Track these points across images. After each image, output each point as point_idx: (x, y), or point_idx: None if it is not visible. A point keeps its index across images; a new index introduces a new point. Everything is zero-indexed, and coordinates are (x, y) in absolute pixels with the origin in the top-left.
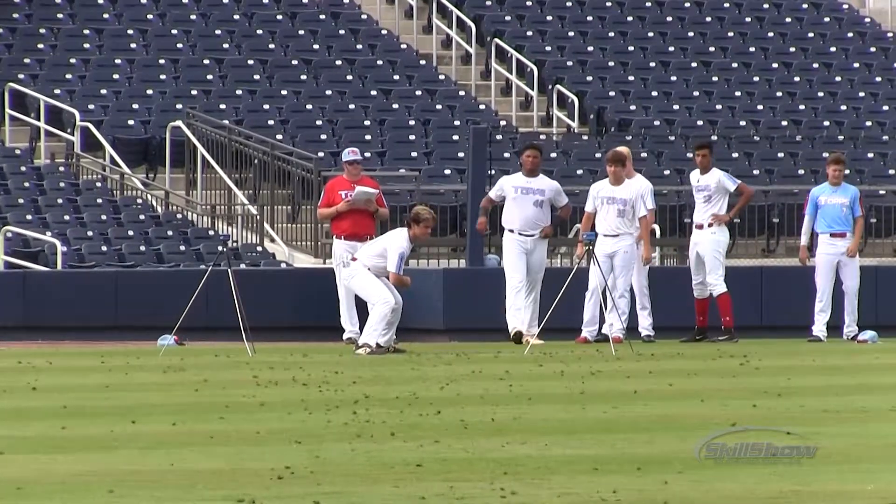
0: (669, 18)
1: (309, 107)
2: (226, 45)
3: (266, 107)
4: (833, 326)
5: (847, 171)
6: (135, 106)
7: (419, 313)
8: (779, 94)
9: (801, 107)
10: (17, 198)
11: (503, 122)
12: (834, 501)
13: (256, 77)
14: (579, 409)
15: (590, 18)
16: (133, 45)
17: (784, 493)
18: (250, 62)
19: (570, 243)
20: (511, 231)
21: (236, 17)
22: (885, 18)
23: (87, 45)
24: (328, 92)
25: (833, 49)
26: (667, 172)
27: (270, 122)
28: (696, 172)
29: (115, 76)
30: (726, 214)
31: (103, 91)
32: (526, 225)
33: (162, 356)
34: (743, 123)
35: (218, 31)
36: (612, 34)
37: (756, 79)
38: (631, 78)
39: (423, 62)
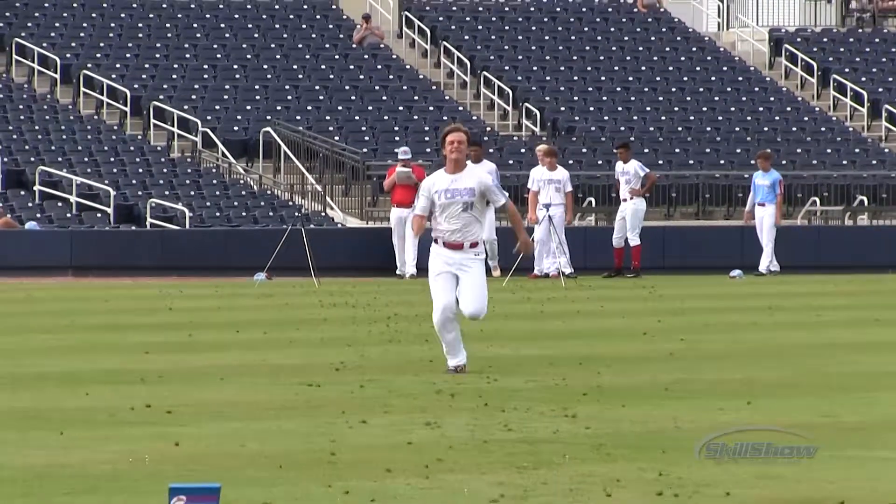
0: (602, 58)
1: (357, 118)
2: (300, 76)
3: (328, 117)
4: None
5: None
6: (238, 117)
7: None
8: (675, 108)
9: (692, 117)
10: (158, 179)
11: (488, 128)
12: (713, 388)
13: (321, 98)
14: (540, 324)
15: (548, 58)
16: (237, 76)
17: (678, 380)
18: (316, 87)
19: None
20: None
21: (307, 56)
22: (748, 57)
23: (206, 76)
24: (370, 108)
25: (713, 78)
26: (600, 162)
27: (331, 128)
28: (620, 163)
29: (225, 96)
30: (640, 189)
31: (216, 107)
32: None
33: (257, 287)
34: (651, 129)
35: (295, 66)
36: (562, 68)
37: (660, 98)
38: (576, 98)
39: (433, 87)
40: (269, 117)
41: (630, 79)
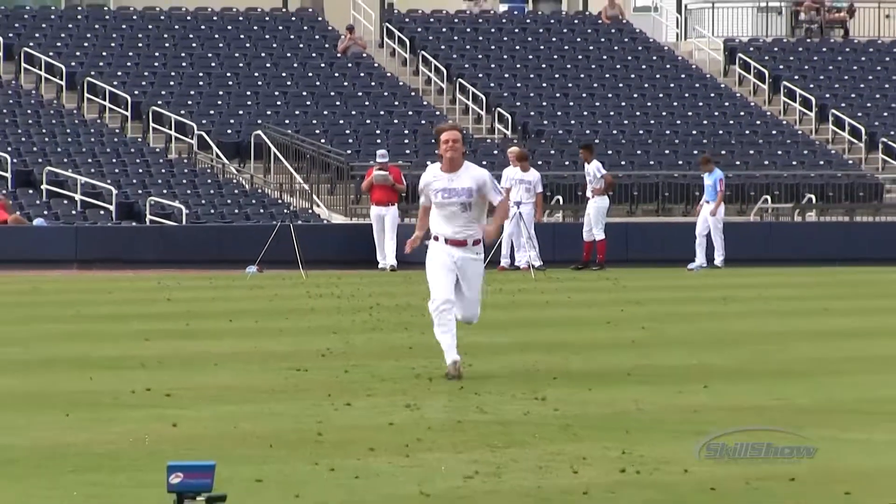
0: (569, 66)
1: (341, 122)
2: (289, 83)
3: (314, 121)
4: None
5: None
6: (231, 121)
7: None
8: (637, 113)
9: (652, 121)
10: (157, 179)
11: (463, 131)
12: (672, 372)
13: (308, 103)
14: (512, 313)
15: (519, 66)
16: (230, 83)
17: (640, 366)
18: (304, 93)
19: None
20: None
21: (295, 64)
22: (704, 65)
23: (201, 83)
24: (353, 112)
25: (672, 85)
26: (567, 163)
27: (317, 131)
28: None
29: (219, 102)
30: (599, 189)
31: (211, 111)
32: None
33: (249, 279)
34: (615, 132)
35: (283, 74)
36: (532, 76)
37: (623, 104)
38: (545, 103)
39: (412, 93)
40: (259, 121)
41: (595, 85)
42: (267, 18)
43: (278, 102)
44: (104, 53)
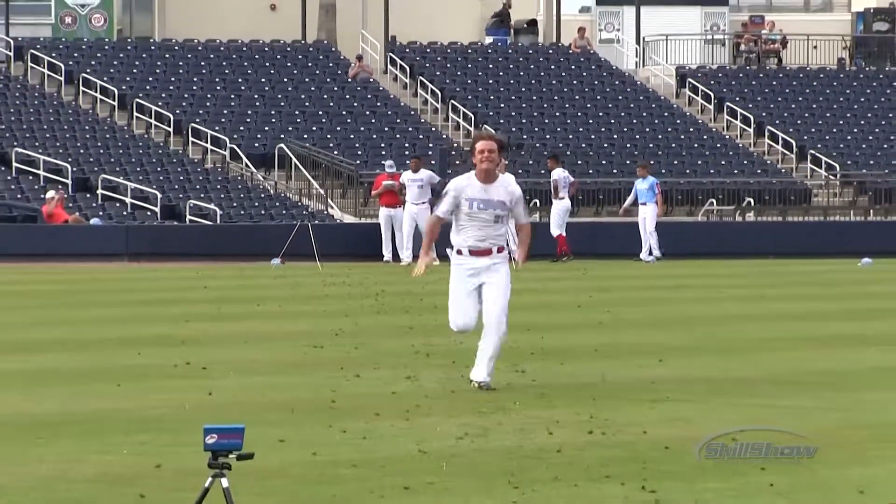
0: (544, 89)
1: (352, 136)
2: (307, 103)
3: (329, 136)
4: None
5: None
6: (259, 135)
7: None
8: (602, 129)
9: (615, 136)
10: (195, 185)
11: (455, 144)
12: (632, 349)
13: (324, 120)
14: None
15: (502, 89)
16: (258, 103)
17: (605, 343)
18: (320, 112)
19: None
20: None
21: (312, 88)
22: (659, 89)
23: (233, 103)
24: (362, 128)
25: (632, 105)
26: (543, 172)
27: (331, 144)
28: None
29: (248, 119)
30: (558, 194)
31: (241, 127)
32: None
33: (273, 270)
34: (583, 145)
35: (303, 95)
36: (514, 97)
37: (591, 121)
38: (524, 120)
39: (412, 112)
40: (282, 136)
41: (567, 105)
42: (288, 49)
43: (298, 120)
44: (150, 78)
